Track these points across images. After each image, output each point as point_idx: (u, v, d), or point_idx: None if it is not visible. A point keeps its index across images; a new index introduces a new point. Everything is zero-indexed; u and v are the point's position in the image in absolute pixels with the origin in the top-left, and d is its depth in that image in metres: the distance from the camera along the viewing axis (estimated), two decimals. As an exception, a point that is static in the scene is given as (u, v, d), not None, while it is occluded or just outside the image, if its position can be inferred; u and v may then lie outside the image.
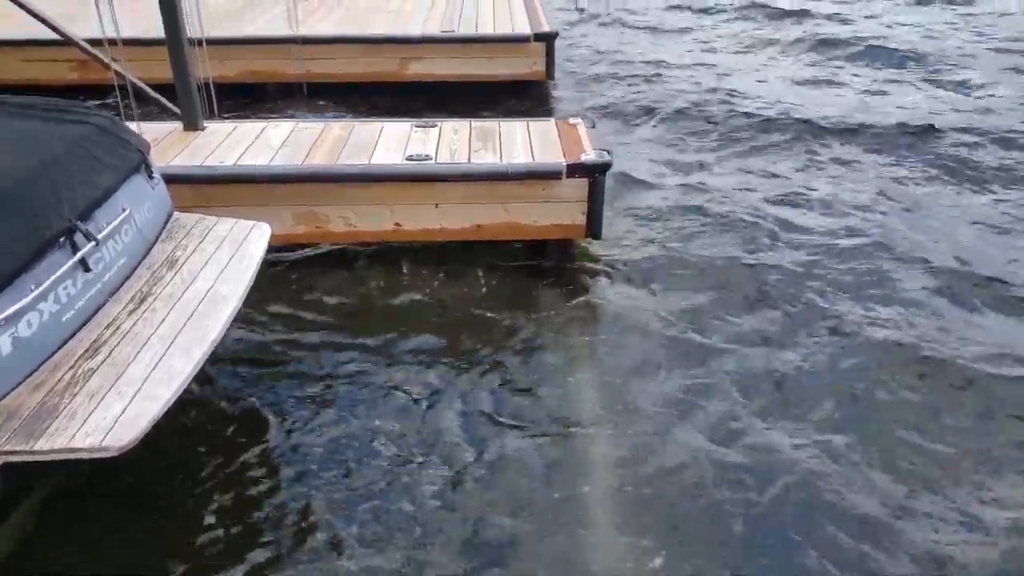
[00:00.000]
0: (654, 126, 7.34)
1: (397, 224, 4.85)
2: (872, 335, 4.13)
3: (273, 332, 4.25)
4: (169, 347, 2.80)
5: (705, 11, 11.93)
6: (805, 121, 7.14)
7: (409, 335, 4.23)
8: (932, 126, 6.87)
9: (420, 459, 3.40)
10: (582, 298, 4.62)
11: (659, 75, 8.83)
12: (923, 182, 5.99)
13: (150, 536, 3.03)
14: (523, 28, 8.05)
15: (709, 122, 7.35)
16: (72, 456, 2.36)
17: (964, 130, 6.85)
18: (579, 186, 4.78)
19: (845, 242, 5.11)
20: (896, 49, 9.46)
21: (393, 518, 3.09)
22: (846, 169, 6.26)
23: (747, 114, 7.39)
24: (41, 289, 2.65)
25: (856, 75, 8.70)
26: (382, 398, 3.76)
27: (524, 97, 8.06)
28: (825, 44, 9.73)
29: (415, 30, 8.10)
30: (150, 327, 2.91)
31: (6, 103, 3.40)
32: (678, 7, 12.32)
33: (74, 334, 2.83)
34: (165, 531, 3.06)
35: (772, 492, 3.18)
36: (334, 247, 4.98)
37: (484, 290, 4.69)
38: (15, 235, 2.67)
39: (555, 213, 4.88)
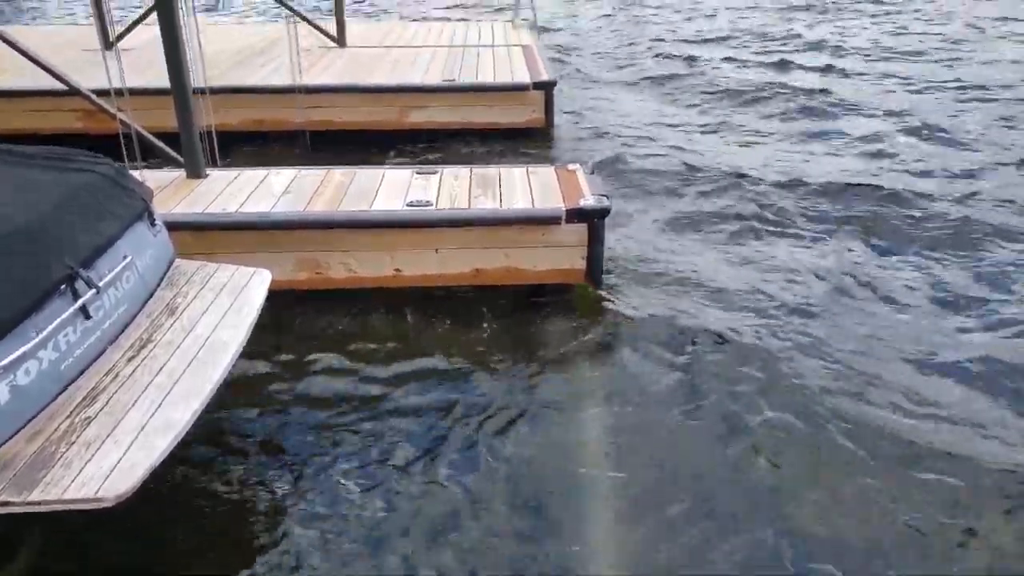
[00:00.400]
0: (649, 175, 7.38)
1: (397, 270, 4.87)
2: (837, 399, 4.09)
3: (276, 372, 4.25)
4: (167, 395, 2.79)
5: (690, 60, 12.09)
6: (792, 180, 7.09)
7: (413, 373, 4.27)
8: (926, 194, 6.68)
9: (426, 498, 3.39)
10: (579, 341, 4.60)
11: (648, 127, 8.92)
12: (911, 251, 5.83)
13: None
14: (522, 77, 8.18)
15: (698, 174, 7.38)
16: (67, 507, 2.33)
17: (955, 199, 6.66)
18: (578, 231, 4.81)
19: (822, 302, 5.07)
20: (876, 108, 9.29)
21: (401, 562, 3.07)
22: (829, 235, 6.14)
23: (734, 173, 7.35)
24: (41, 337, 2.65)
25: (837, 135, 8.49)
26: (386, 438, 3.77)
27: (524, 143, 8.15)
28: (808, 102, 9.61)
29: (416, 79, 8.23)
30: (149, 375, 2.90)
31: (12, 152, 3.44)
32: (663, 55, 12.53)
33: (73, 381, 2.82)
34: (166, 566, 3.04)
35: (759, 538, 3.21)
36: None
37: (485, 332, 4.68)
38: (17, 282, 2.67)
39: (555, 258, 4.90)
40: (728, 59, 12.15)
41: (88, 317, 2.92)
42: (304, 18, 9.87)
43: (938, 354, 4.45)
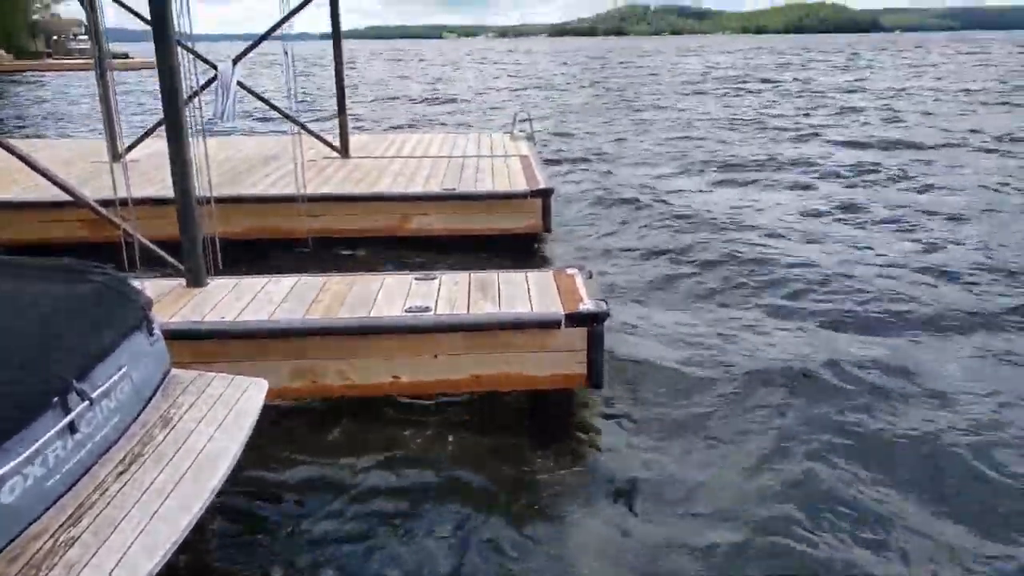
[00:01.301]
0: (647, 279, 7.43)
1: (395, 377, 4.81)
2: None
3: (263, 485, 4.14)
4: (155, 513, 2.69)
5: (675, 193, 12.36)
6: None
7: (404, 486, 4.15)
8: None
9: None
10: (580, 452, 4.51)
11: (641, 236, 9.03)
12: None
13: None
14: (521, 185, 8.37)
15: (699, 277, 7.43)
16: None
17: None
18: (578, 335, 4.78)
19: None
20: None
21: None
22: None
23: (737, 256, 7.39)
24: (29, 453, 2.57)
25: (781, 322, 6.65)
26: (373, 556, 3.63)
27: (522, 248, 8.26)
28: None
29: (417, 188, 8.41)
30: (138, 491, 2.81)
31: (13, 264, 3.47)
32: (650, 178, 12.85)
33: (59, 498, 2.73)
34: None
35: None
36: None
37: (480, 442, 4.58)
38: (7, 398, 2.63)
39: (554, 363, 4.85)
40: (719, 184, 12.40)
41: (79, 431, 2.85)
42: (309, 130, 10.18)
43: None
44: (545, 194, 8.26)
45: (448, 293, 5.07)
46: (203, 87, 7.81)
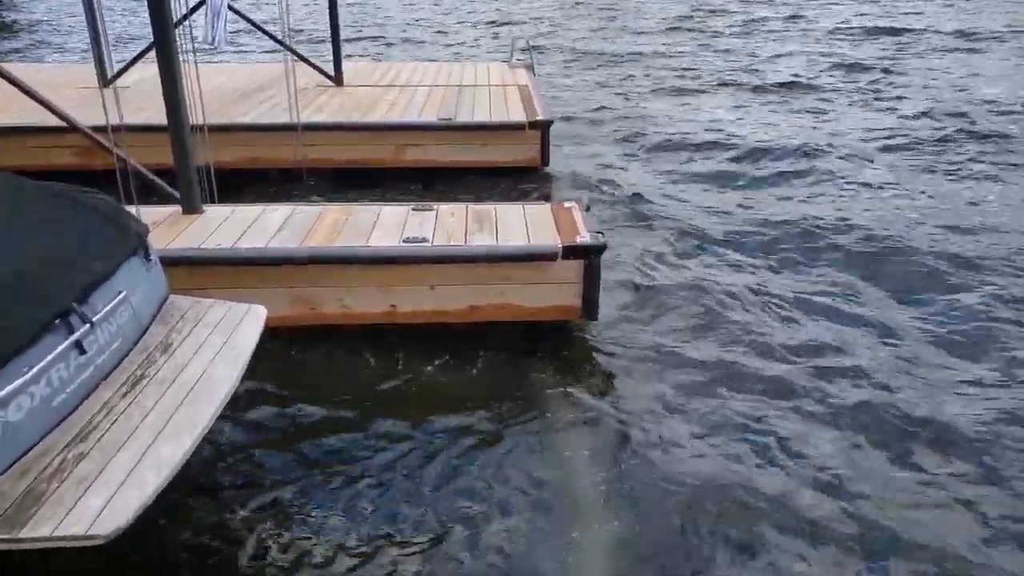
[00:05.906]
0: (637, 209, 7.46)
1: (392, 306, 4.86)
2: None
3: (265, 413, 4.20)
4: (160, 433, 2.76)
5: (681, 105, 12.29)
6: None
7: (401, 416, 4.20)
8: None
9: (407, 548, 3.34)
10: (576, 382, 4.57)
11: (638, 163, 8.99)
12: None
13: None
14: (519, 116, 8.26)
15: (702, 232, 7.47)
16: (57, 544, 2.30)
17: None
18: (574, 268, 4.82)
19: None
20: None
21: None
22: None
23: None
24: (34, 372, 2.62)
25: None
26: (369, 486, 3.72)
27: (520, 181, 8.20)
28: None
29: (413, 118, 8.30)
30: (142, 411, 2.87)
31: (10, 185, 3.44)
32: (649, 91, 12.72)
33: (65, 417, 2.79)
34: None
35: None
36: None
37: (477, 372, 4.65)
38: (10, 318, 2.66)
39: (551, 295, 4.91)
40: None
41: (82, 352, 2.90)
42: (302, 57, 9.98)
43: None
44: (544, 125, 8.16)
45: (445, 225, 5.07)
46: (193, 10, 7.62)
